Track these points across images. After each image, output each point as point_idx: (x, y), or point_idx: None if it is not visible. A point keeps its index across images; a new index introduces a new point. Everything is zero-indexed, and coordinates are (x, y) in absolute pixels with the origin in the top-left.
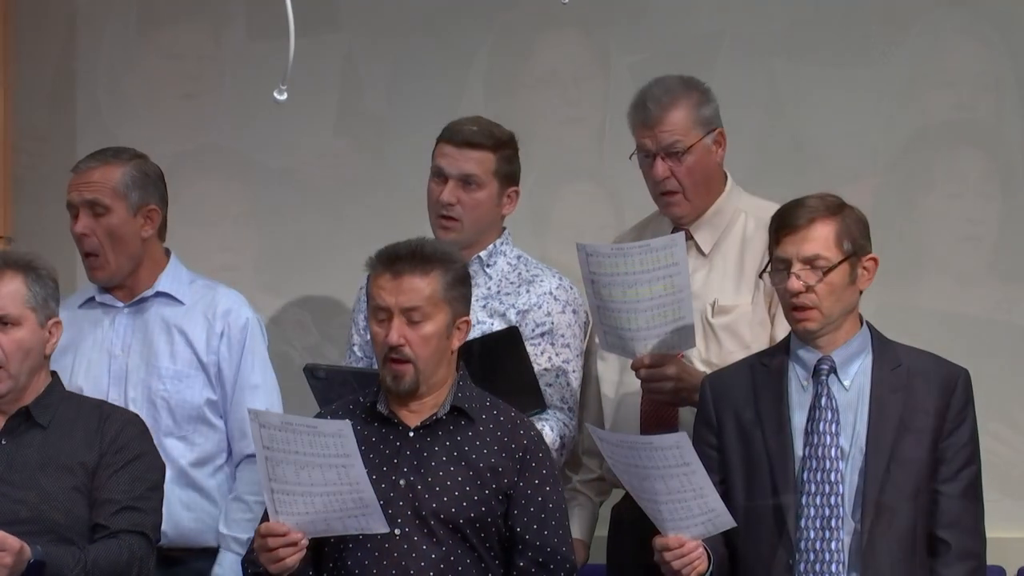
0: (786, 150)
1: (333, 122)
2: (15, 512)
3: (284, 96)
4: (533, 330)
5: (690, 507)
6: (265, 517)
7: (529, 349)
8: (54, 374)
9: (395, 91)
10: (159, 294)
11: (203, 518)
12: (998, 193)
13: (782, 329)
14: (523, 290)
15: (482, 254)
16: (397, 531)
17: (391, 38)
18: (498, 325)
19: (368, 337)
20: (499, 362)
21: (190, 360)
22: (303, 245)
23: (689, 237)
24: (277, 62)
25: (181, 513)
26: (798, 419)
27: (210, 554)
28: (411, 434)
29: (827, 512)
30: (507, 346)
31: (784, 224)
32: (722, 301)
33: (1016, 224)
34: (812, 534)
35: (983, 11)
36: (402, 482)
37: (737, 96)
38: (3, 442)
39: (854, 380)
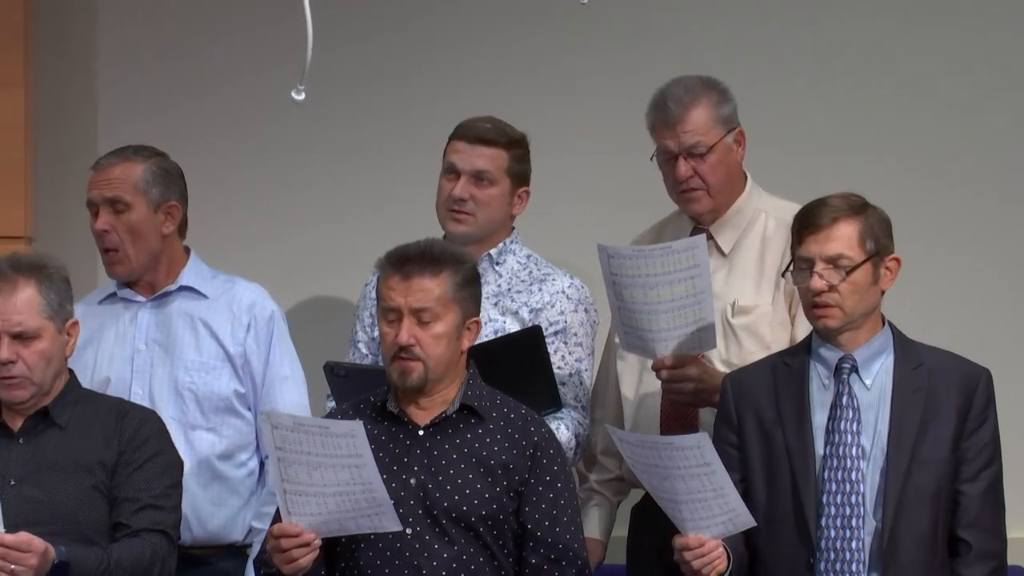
0: (806, 150)
1: (346, 122)
2: (34, 513)
3: (302, 96)
4: (546, 328)
5: (710, 507)
6: (277, 518)
7: None
8: (70, 372)
9: (407, 92)
10: (182, 288)
11: (231, 513)
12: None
13: (802, 329)
14: (535, 288)
15: (492, 252)
16: (408, 530)
17: (403, 40)
18: (510, 323)
19: (374, 335)
20: (519, 361)
21: (216, 352)
22: (317, 244)
23: (709, 237)
24: (295, 62)
25: (209, 510)
26: (819, 418)
27: (235, 551)
28: (421, 432)
29: (848, 511)
30: (529, 345)
31: (807, 223)
32: (742, 301)
33: None
34: (833, 533)
35: (1002, 10)
36: (412, 481)
37: (754, 95)
38: (21, 442)
39: (876, 379)
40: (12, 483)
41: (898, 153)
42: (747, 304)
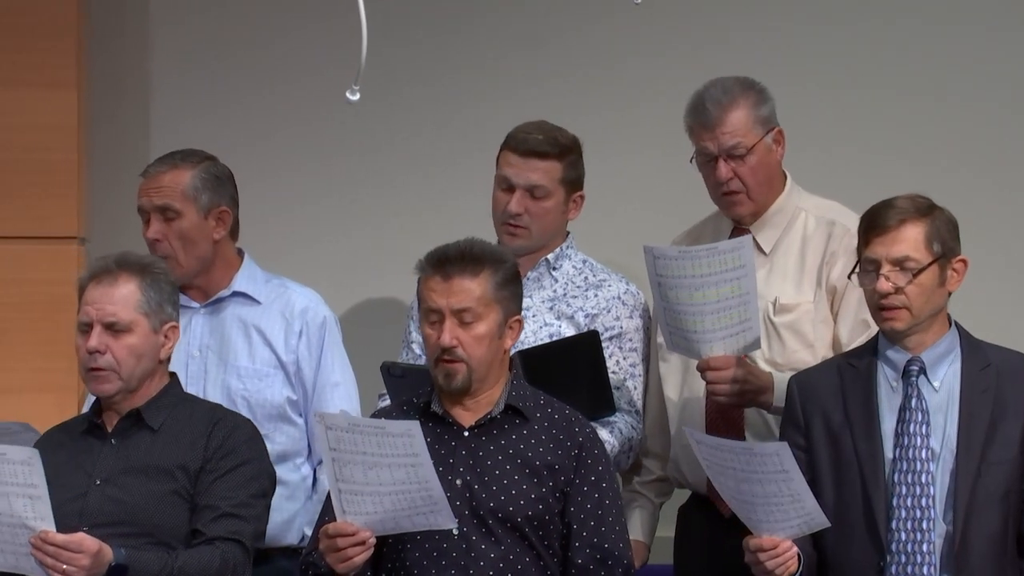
0: (861, 151)
1: (400, 123)
2: (114, 513)
3: (356, 96)
4: (602, 334)
5: (786, 511)
6: (321, 520)
7: None
8: (173, 375)
9: (460, 93)
10: (236, 294)
11: (286, 517)
12: None
13: (845, 327)
14: (591, 294)
15: (549, 256)
16: (455, 530)
17: (456, 41)
18: (566, 327)
19: None
20: (576, 365)
21: (269, 359)
22: (373, 246)
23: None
24: (349, 63)
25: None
26: (888, 421)
27: (290, 552)
28: (466, 433)
29: (918, 514)
30: (587, 350)
31: (873, 225)
32: (783, 299)
33: None
34: (903, 536)
35: None
36: (459, 482)
37: (804, 97)
38: (113, 443)
39: (944, 381)
40: (97, 482)
41: (964, 154)
42: (788, 302)
